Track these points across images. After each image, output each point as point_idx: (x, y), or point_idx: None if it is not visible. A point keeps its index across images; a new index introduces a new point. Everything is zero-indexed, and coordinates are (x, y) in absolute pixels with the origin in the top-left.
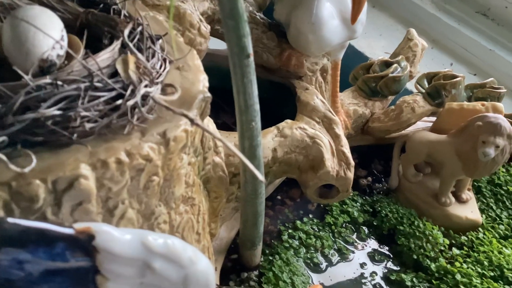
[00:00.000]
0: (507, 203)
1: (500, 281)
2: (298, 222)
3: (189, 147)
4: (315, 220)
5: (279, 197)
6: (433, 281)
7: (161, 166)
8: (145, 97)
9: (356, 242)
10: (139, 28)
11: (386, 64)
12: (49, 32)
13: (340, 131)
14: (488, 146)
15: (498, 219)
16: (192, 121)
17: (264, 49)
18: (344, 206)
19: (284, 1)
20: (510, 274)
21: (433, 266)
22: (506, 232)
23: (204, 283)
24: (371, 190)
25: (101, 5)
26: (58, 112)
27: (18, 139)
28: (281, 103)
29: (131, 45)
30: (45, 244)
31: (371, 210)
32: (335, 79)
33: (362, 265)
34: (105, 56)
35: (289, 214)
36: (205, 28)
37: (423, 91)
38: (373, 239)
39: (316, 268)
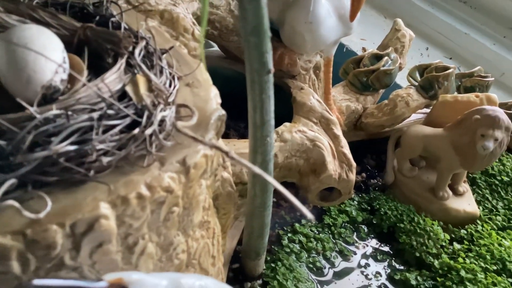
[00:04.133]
0: (502, 193)
1: (503, 274)
2: (296, 225)
3: (208, 172)
4: (313, 222)
5: (274, 199)
6: (437, 278)
7: (181, 196)
8: (161, 122)
9: (356, 242)
10: (143, 43)
11: (376, 57)
12: (50, 55)
13: (338, 131)
14: (487, 139)
15: (494, 210)
16: (227, 154)
17: None
18: (341, 205)
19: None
20: None
21: (436, 263)
22: (504, 223)
23: None
24: (367, 186)
25: (97, 18)
26: (72, 148)
27: (28, 180)
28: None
29: (143, 65)
30: None
31: (369, 208)
32: (327, 76)
33: (365, 266)
34: (112, 78)
35: (286, 217)
36: (199, 32)
37: (416, 83)
38: (373, 238)
39: (319, 272)
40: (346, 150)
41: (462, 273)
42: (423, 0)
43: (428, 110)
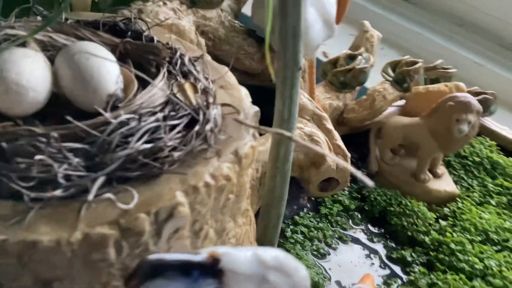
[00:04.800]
0: (476, 173)
1: (488, 243)
2: (296, 217)
3: (254, 161)
4: (311, 213)
5: None
6: (430, 253)
7: (235, 184)
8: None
9: (353, 228)
10: (179, 53)
11: (351, 57)
12: (109, 67)
13: (330, 125)
14: (461, 123)
15: (471, 188)
16: (290, 139)
17: (246, 55)
18: (335, 196)
19: (265, 8)
20: (495, 236)
21: (427, 239)
22: (481, 199)
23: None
24: (354, 177)
25: (129, 33)
26: (148, 146)
27: (113, 177)
28: (264, 106)
29: (193, 70)
30: (184, 274)
31: (359, 196)
32: (311, 77)
33: (364, 248)
34: (160, 84)
35: (285, 211)
36: (201, 41)
37: (390, 79)
38: (367, 223)
39: (324, 258)
40: (340, 142)
41: (452, 246)
42: (374, 4)
43: (401, 103)
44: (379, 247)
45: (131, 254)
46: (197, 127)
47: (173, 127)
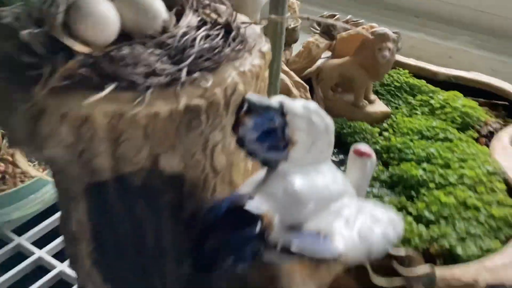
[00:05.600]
0: (399, 94)
1: (424, 140)
2: None
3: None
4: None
5: None
6: (382, 155)
7: (263, 76)
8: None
9: None
10: None
11: None
12: None
13: (286, 68)
14: (383, 50)
15: (398, 106)
16: (308, 18)
17: None
18: None
19: None
20: (428, 133)
21: (377, 147)
22: (409, 112)
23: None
24: None
25: None
26: (208, 45)
27: (189, 69)
28: None
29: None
30: (266, 112)
31: None
32: None
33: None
34: (191, 14)
35: None
36: None
37: (318, 31)
38: None
39: None
40: (297, 78)
41: (398, 145)
42: None
43: (329, 54)
44: (342, 161)
45: (212, 125)
46: (233, 33)
47: (216, 35)
